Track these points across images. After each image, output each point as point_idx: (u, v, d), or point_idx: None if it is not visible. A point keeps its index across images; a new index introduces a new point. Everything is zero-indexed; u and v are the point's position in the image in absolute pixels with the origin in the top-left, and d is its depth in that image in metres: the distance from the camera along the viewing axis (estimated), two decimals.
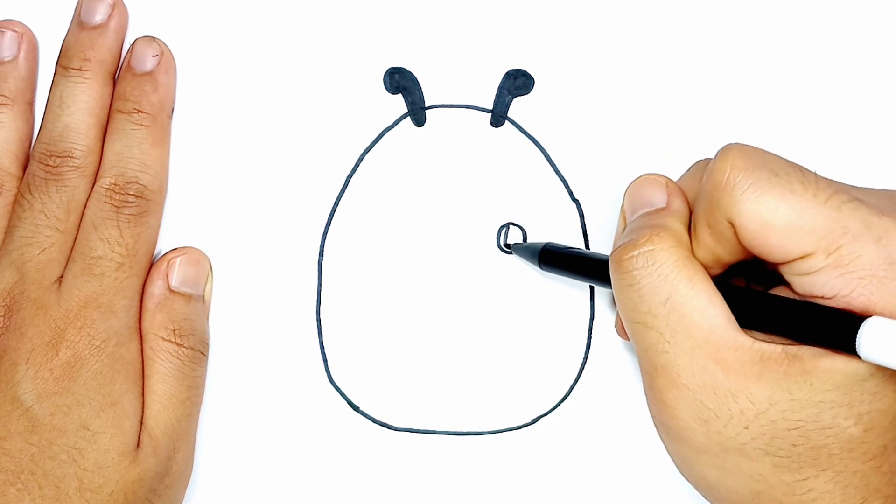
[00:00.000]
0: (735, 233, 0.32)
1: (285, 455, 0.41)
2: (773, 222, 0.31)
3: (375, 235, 0.41)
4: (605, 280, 0.36)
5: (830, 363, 0.31)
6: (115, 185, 0.39)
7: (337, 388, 0.41)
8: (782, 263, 0.32)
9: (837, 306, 0.31)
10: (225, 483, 0.41)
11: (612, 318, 0.41)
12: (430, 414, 0.41)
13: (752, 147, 0.32)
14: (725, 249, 0.33)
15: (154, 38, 0.40)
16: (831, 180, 0.32)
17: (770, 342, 0.32)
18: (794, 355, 0.31)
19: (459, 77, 0.41)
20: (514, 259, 0.41)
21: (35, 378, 0.36)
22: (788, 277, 0.32)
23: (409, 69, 0.41)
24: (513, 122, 0.41)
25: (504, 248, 0.41)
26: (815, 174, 0.32)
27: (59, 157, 0.39)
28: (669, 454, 0.36)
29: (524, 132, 0.41)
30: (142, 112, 0.40)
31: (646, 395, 0.35)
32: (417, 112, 0.41)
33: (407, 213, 0.41)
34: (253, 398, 0.41)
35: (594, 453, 0.41)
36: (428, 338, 0.41)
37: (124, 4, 0.41)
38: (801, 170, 0.32)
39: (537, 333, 0.41)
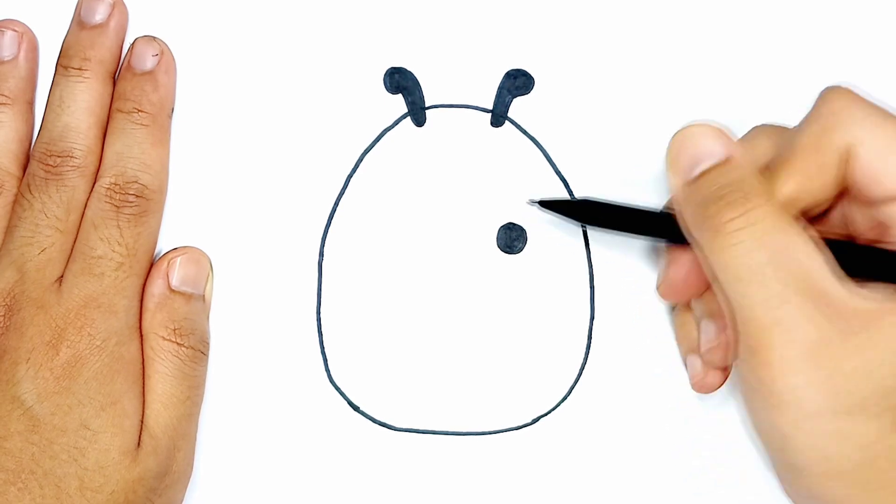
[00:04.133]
0: (844, 163, 0.32)
1: (285, 455, 0.41)
2: (894, 148, 0.31)
3: (375, 235, 0.41)
4: (656, 233, 0.36)
5: None
6: (116, 184, 0.39)
7: (337, 388, 0.41)
8: (887, 200, 0.32)
9: None
10: (225, 483, 0.41)
11: (612, 318, 0.41)
12: (430, 414, 0.41)
13: None
14: (820, 183, 0.32)
15: (154, 38, 0.40)
16: None
17: (879, 292, 0.32)
18: None
19: (459, 77, 0.42)
20: (515, 259, 0.41)
21: (35, 378, 0.36)
22: (889, 217, 0.32)
23: (409, 69, 0.42)
24: (513, 122, 0.41)
25: (533, 203, 0.39)
26: None
27: (59, 156, 0.39)
28: (766, 430, 0.34)
29: (524, 132, 0.41)
30: (142, 112, 0.40)
31: (743, 363, 0.33)
32: (417, 112, 0.42)
33: (407, 213, 0.41)
34: (253, 398, 0.41)
35: (594, 453, 0.41)
36: (428, 338, 0.41)
37: (124, 4, 0.41)
38: None
39: (537, 333, 0.41)
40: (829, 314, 0.31)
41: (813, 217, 0.35)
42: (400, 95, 0.42)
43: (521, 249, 0.41)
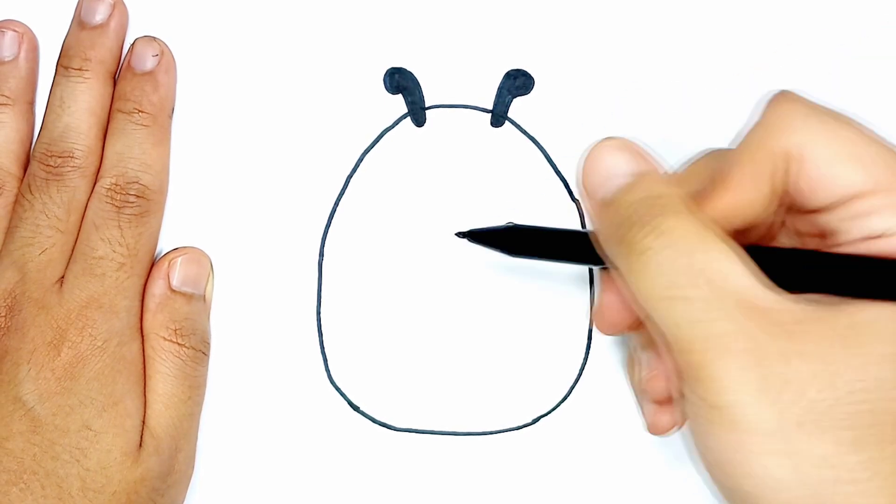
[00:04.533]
0: (785, 171, 0.30)
1: (285, 455, 0.41)
2: (836, 153, 0.30)
3: (375, 235, 0.41)
4: (585, 259, 0.34)
5: (890, 312, 0.29)
6: (116, 185, 0.39)
7: (337, 388, 0.41)
8: (830, 207, 0.30)
9: (891, 248, 0.29)
10: (225, 483, 0.41)
11: None
12: (430, 414, 0.41)
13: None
14: (758, 194, 0.31)
15: (154, 38, 0.40)
16: None
17: (812, 301, 0.29)
18: (844, 310, 0.29)
19: (459, 77, 0.42)
20: (514, 259, 0.41)
21: (37, 378, 0.36)
22: (835, 223, 0.30)
23: (409, 69, 0.42)
24: (513, 122, 0.42)
25: (459, 235, 0.37)
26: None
27: (59, 157, 0.39)
28: (712, 455, 0.30)
29: (524, 132, 0.41)
30: (142, 112, 0.40)
31: (682, 386, 0.31)
32: (417, 112, 0.42)
33: (407, 213, 0.41)
34: (253, 398, 0.41)
35: (594, 453, 0.41)
36: (428, 338, 0.41)
37: (124, 4, 0.41)
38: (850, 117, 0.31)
39: (537, 333, 0.41)
40: (762, 323, 0.29)
41: (763, 234, 0.34)
42: (400, 95, 0.42)
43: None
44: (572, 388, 0.41)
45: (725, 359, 0.29)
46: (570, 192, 0.41)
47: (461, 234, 0.37)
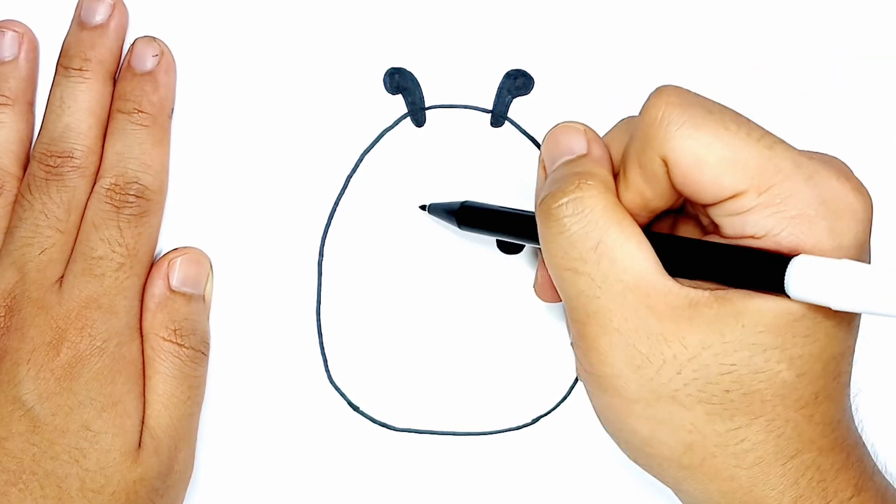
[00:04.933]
0: (667, 172, 0.32)
1: (285, 455, 0.41)
2: (706, 158, 0.31)
3: (375, 235, 0.41)
4: (529, 236, 0.36)
5: (761, 303, 0.30)
6: (116, 185, 0.39)
7: (337, 389, 0.41)
8: (712, 204, 0.31)
9: (766, 246, 0.31)
10: (225, 483, 0.41)
11: None
12: (430, 414, 0.41)
13: (686, 88, 0.32)
14: (655, 192, 0.32)
15: (154, 38, 0.40)
16: (762, 126, 0.32)
17: (700, 287, 0.32)
18: (724, 298, 0.31)
19: (459, 77, 0.42)
20: (514, 259, 0.41)
21: (36, 378, 0.36)
22: (718, 219, 0.32)
23: (409, 69, 0.42)
24: (513, 122, 0.42)
25: (420, 208, 0.41)
26: (747, 117, 0.32)
27: (59, 157, 0.39)
28: (599, 412, 0.35)
29: (524, 132, 0.41)
30: (142, 112, 0.40)
31: (575, 348, 0.34)
32: (417, 112, 0.42)
33: (407, 213, 0.41)
34: (253, 398, 0.41)
35: (594, 453, 0.41)
36: (428, 338, 0.41)
37: (124, 4, 0.41)
38: (734, 112, 0.32)
39: (537, 333, 0.41)
40: (649, 304, 0.31)
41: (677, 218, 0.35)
42: (400, 96, 0.42)
43: (520, 249, 0.41)
44: (572, 387, 0.41)
45: (611, 335, 0.32)
46: None
47: (422, 207, 0.41)
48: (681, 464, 0.33)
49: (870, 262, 0.32)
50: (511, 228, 0.37)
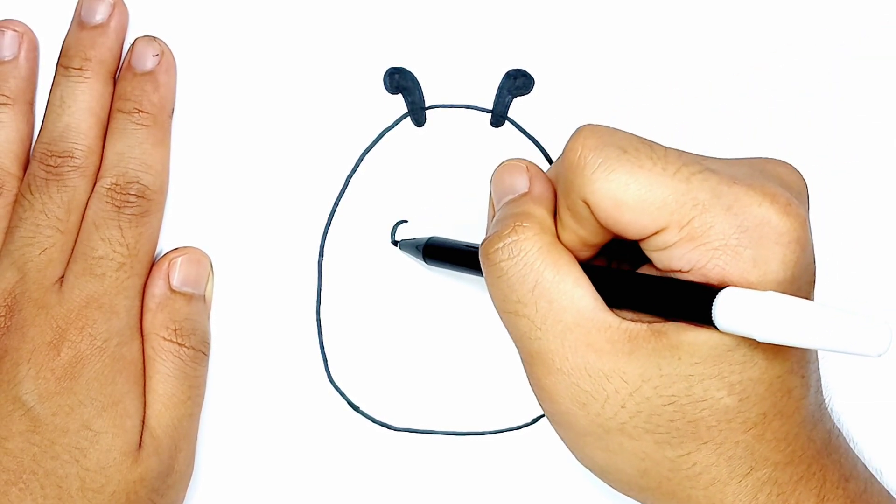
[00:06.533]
0: (592, 212, 0.32)
1: (285, 455, 0.41)
2: (624, 199, 0.31)
3: (375, 235, 0.41)
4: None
5: (695, 336, 0.30)
6: (116, 185, 0.39)
7: (337, 388, 0.41)
8: (640, 240, 0.32)
9: (695, 279, 0.30)
10: (225, 483, 0.41)
11: None
12: (430, 414, 0.41)
13: (603, 126, 0.32)
14: (587, 230, 0.33)
15: (154, 38, 0.40)
16: (682, 152, 0.31)
17: (637, 320, 0.32)
18: (660, 331, 0.31)
19: (459, 77, 0.42)
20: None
21: (37, 378, 0.36)
22: (648, 254, 0.32)
23: (409, 69, 0.42)
24: (513, 122, 0.42)
25: (393, 244, 0.41)
26: (665, 148, 0.31)
27: (59, 156, 0.39)
28: (561, 440, 0.35)
29: (524, 132, 0.41)
30: (142, 112, 0.40)
31: (529, 383, 0.35)
32: (417, 112, 0.42)
33: (407, 213, 0.41)
34: (253, 398, 0.41)
35: None
36: (428, 338, 0.41)
37: (124, 4, 0.41)
38: (651, 144, 0.31)
39: None
40: (588, 342, 0.32)
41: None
42: (400, 95, 0.42)
43: None
44: None
45: (555, 375, 0.33)
46: None
47: (394, 243, 0.41)
48: (640, 486, 0.33)
49: (813, 278, 0.32)
50: (473, 264, 0.37)
